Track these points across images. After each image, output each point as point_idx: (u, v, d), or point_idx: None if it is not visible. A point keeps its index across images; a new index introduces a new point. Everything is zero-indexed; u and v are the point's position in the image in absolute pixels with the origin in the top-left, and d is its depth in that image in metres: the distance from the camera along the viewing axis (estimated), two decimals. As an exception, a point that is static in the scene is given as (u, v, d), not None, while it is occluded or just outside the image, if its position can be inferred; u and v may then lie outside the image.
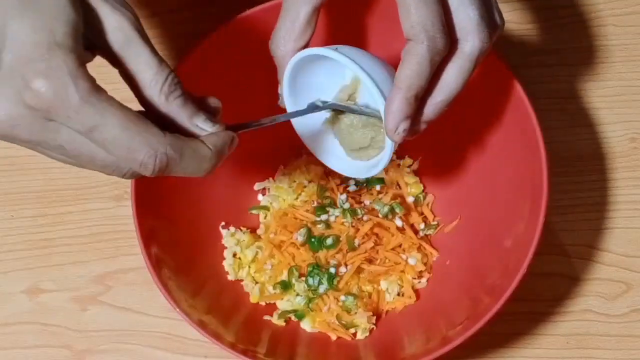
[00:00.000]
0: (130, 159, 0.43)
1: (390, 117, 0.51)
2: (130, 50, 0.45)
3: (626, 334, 0.69)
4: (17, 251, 0.73)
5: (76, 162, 0.45)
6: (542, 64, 0.77)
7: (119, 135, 0.42)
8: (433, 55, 0.49)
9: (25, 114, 0.42)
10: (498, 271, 0.62)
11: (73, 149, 0.43)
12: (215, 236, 0.70)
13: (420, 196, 0.72)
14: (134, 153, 0.43)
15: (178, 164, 0.44)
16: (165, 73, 0.45)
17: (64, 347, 0.70)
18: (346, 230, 0.68)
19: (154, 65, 0.45)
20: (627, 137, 0.75)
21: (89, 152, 0.43)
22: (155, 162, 0.43)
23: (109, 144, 0.43)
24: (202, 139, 0.46)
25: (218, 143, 0.47)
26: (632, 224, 0.72)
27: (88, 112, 0.42)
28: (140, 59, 0.45)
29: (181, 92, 0.46)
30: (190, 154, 0.45)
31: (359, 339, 0.67)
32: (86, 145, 0.43)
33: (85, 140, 0.43)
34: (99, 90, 0.42)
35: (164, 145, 0.43)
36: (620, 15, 0.78)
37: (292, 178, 0.72)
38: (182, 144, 0.44)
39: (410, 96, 0.50)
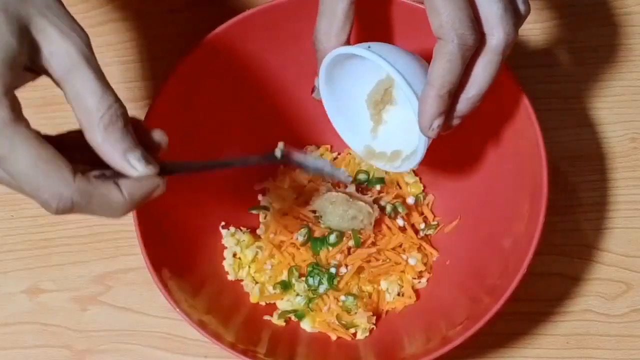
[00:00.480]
0: (35, 196, 0.43)
1: (424, 114, 0.52)
2: (75, 75, 0.43)
3: (626, 334, 0.69)
4: (17, 251, 0.73)
5: (5, 185, 0.44)
6: (542, 64, 0.76)
7: (26, 171, 0.42)
8: (463, 52, 0.50)
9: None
10: (498, 271, 0.62)
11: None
12: (215, 236, 0.70)
13: (420, 196, 0.72)
14: (38, 192, 0.43)
15: (84, 208, 0.44)
16: (108, 102, 0.44)
17: (64, 347, 0.70)
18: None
19: (98, 93, 0.43)
20: (627, 137, 0.75)
21: (6, 180, 0.43)
22: (58, 205, 0.43)
23: (16, 177, 0.42)
24: (119, 184, 0.45)
25: (136, 192, 0.45)
26: (632, 224, 0.72)
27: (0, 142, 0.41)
28: (85, 85, 0.43)
29: (122, 123, 0.44)
30: (99, 200, 0.44)
31: (359, 339, 0.67)
32: (2, 173, 0.43)
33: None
34: (18, 121, 0.41)
35: (70, 190, 0.43)
36: (620, 15, 0.78)
37: (292, 178, 0.72)
38: (92, 191, 0.43)
39: (444, 93, 0.51)
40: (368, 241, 0.68)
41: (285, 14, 0.64)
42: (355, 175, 0.72)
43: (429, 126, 0.52)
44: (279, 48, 0.67)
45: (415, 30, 0.60)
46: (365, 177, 0.72)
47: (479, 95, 0.53)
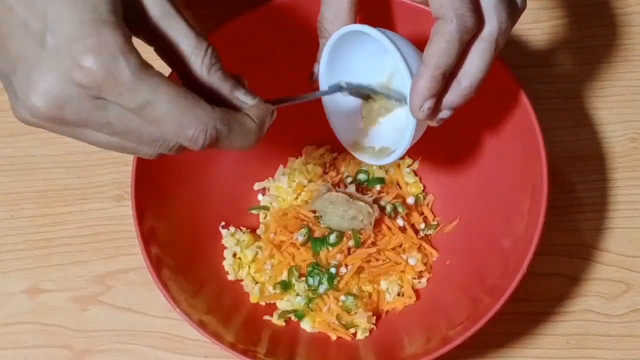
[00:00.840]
0: (181, 134, 0.43)
1: (416, 94, 0.51)
2: (167, 23, 0.44)
3: (626, 334, 0.69)
4: (17, 251, 0.73)
5: (121, 139, 0.44)
6: (542, 64, 0.77)
7: (171, 110, 0.42)
8: (462, 34, 0.49)
9: (75, 93, 0.41)
10: (498, 271, 0.62)
11: (121, 125, 0.42)
12: (215, 236, 0.70)
13: (420, 196, 0.72)
14: (185, 128, 0.42)
15: (227, 137, 0.44)
16: (204, 45, 0.45)
17: (64, 347, 0.70)
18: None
19: (193, 38, 0.44)
20: (627, 137, 0.75)
21: (137, 128, 0.43)
22: (206, 137, 0.43)
23: (160, 120, 0.42)
24: (246, 112, 0.46)
25: (261, 116, 0.46)
26: (632, 224, 0.72)
27: (140, 88, 0.41)
28: (178, 32, 0.44)
29: (221, 65, 0.45)
30: (237, 127, 0.45)
31: (359, 339, 0.67)
32: (134, 121, 0.42)
33: (134, 117, 0.42)
34: (148, 65, 0.42)
35: (214, 119, 0.43)
36: (620, 15, 0.78)
37: (292, 178, 0.72)
38: (230, 118, 0.44)
39: (438, 74, 0.50)
40: (368, 241, 0.68)
41: (286, 14, 0.64)
42: (355, 175, 0.72)
43: (420, 106, 0.51)
44: (278, 48, 0.67)
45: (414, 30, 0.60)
46: (365, 177, 0.72)
47: (472, 86, 0.52)
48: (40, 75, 0.40)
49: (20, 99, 0.41)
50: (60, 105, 0.41)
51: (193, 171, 0.68)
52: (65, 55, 0.40)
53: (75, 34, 0.40)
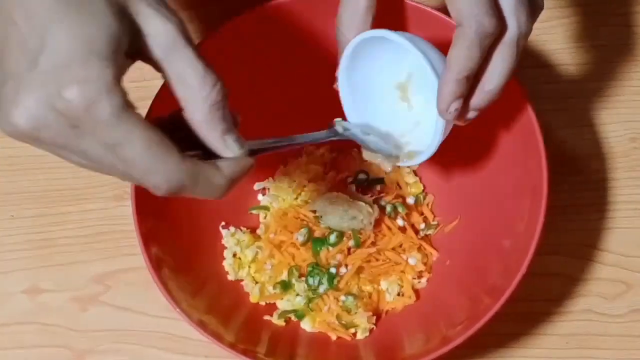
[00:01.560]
0: (146, 179, 0.43)
1: (442, 96, 0.52)
2: (176, 55, 0.44)
3: (626, 334, 0.69)
4: (17, 251, 0.73)
5: (96, 167, 0.44)
6: (542, 64, 0.77)
7: (140, 156, 0.42)
8: (482, 40, 0.49)
9: (54, 118, 0.41)
10: (498, 271, 0.62)
11: (94, 156, 0.43)
12: (215, 236, 0.70)
13: (420, 196, 0.72)
14: (149, 175, 0.43)
15: (191, 190, 0.44)
16: (211, 81, 0.45)
17: (64, 347, 0.70)
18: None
19: (200, 70, 0.44)
20: (627, 137, 0.75)
21: (109, 162, 0.43)
22: (168, 188, 0.43)
23: (128, 161, 0.42)
24: (219, 165, 0.46)
25: (235, 172, 0.46)
26: (632, 224, 0.72)
27: (114, 129, 0.41)
28: (186, 63, 0.44)
29: (225, 104, 0.45)
30: (204, 181, 0.45)
31: (359, 339, 0.67)
32: (108, 156, 0.43)
33: (106, 152, 0.42)
34: (129, 107, 0.42)
35: (180, 173, 0.43)
36: (620, 15, 0.78)
37: (292, 178, 0.72)
38: (198, 172, 0.44)
39: (462, 77, 0.51)
40: (368, 241, 0.68)
41: (285, 14, 0.64)
42: (355, 175, 0.72)
43: (447, 108, 0.52)
44: (278, 48, 0.67)
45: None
46: (365, 177, 0.72)
47: (497, 89, 0.53)
48: (25, 94, 0.41)
49: (3, 112, 0.42)
50: (37, 126, 0.41)
51: (193, 171, 0.68)
52: (51, 81, 0.40)
53: (66, 62, 0.40)
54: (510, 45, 0.51)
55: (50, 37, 0.40)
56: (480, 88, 0.53)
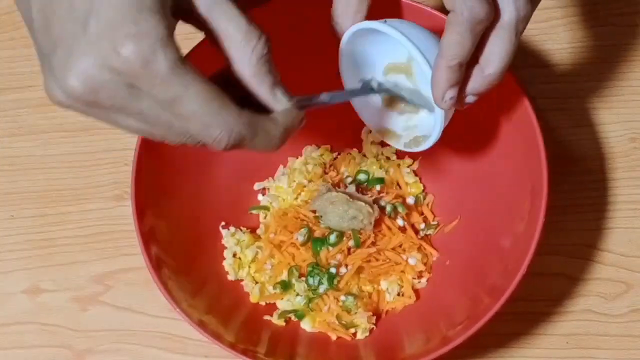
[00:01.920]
0: (206, 134, 0.43)
1: (436, 84, 0.51)
2: (218, 9, 0.44)
3: (626, 334, 0.69)
4: (17, 251, 0.73)
5: (152, 129, 0.44)
6: (542, 64, 0.77)
7: (199, 110, 0.42)
8: (474, 25, 0.49)
9: (111, 78, 0.41)
10: (498, 271, 0.62)
11: (152, 116, 0.43)
12: (215, 236, 0.70)
13: (420, 196, 0.72)
14: (211, 129, 0.43)
15: (250, 141, 0.44)
16: (257, 33, 0.44)
17: (64, 347, 0.70)
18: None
19: (244, 25, 0.44)
20: (627, 137, 0.75)
21: (166, 121, 0.43)
22: (229, 140, 0.43)
23: (188, 117, 0.42)
24: (275, 116, 0.46)
25: (288, 123, 0.46)
26: (632, 224, 0.72)
27: (173, 83, 0.41)
28: (229, 18, 0.44)
29: (271, 56, 0.45)
30: (262, 133, 0.45)
31: (359, 339, 0.67)
32: (164, 113, 0.42)
33: (164, 110, 0.42)
34: (185, 61, 0.42)
35: (240, 124, 0.43)
36: (620, 15, 0.78)
37: (292, 178, 0.72)
38: (257, 124, 0.44)
39: (454, 64, 0.50)
40: (368, 241, 0.68)
41: (286, 13, 0.64)
42: (355, 175, 0.72)
43: (442, 97, 0.52)
44: (278, 48, 0.66)
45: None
46: (365, 177, 0.72)
47: (496, 74, 0.52)
48: (79, 57, 0.40)
49: (58, 79, 0.41)
50: (95, 88, 0.41)
51: (193, 171, 0.68)
52: (105, 40, 0.40)
53: (118, 19, 0.40)
54: (509, 29, 0.50)
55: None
56: (480, 72, 0.52)
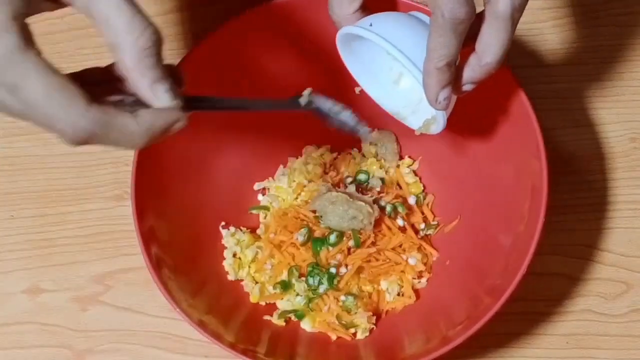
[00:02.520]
0: (49, 126, 0.42)
1: (427, 88, 0.51)
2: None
3: (626, 334, 0.69)
4: (17, 251, 0.73)
5: (11, 115, 0.42)
6: (542, 64, 0.77)
7: (40, 99, 0.40)
8: (455, 26, 0.48)
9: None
10: (498, 271, 0.62)
11: (8, 105, 0.41)
12: (215, 236, 0.70)
13: (420, 196, 0.72)
14: (52, 121, 0.41)
15: (100, 138, 0.42)
16: (141, 25, 0.42)
17: (64, 347, 0.70)
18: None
19: (127, 15, 0.42)
20: (627, 137, 0.75)
21: (15, 107, 0.41)
22: (74, 135, 0.42)
23: (30, 106, 0.41)
24: (137, 114, 0.44)
25: (154, 123, 0.44)
26: (632, 224, 0.72)
27: (9, 70, 0.40)
28: (112, 6, 0.42)
29: (156, 50, 0.43)
30: (115, 130, 0.43)
31: (359, 339, 0.67)
32: (12, 99, 0.41)
33: (10, 95, 0.41)
34: (27, 48, 0.40)
35: (86, 119, 0.41)
36: (620, 15, 0.78)
37: (292, 178, 0.72)
38: (107, 120, 0.42)
39: (442, 66, 0.50)
40: (368, 241, 0.68)
41: (286, 13, 0.64)
42: (355, 175, 0.72)
43: (435, 99, 0.51)
44: (279, 48, 0.67)
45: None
46: (365, 177, 0.72)
47: (493, 63, 0.51)
48: None
49: None
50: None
51: (193, 171, 0.68)
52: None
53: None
54: (505, 20, 0.50)
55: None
56: (477, 61, 0.51)
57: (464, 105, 0.58)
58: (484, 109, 0.65)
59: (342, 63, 0.67)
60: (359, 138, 0.73)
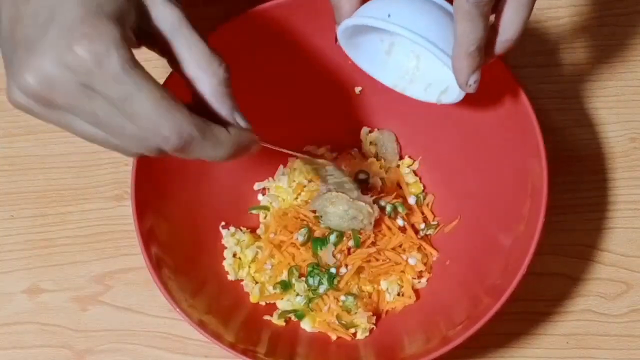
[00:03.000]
0: (156, 133, 0.44)
1: (459, 73, 0.52)
2: (182, 35, 0.46)
3: (626, 334, 0.69)
4: (17, 251, 0.73)
5: (105, 132, 0.45)
6: (542, 64, 0.77)
7: (149, 109, 0.43)
8: (481, 9, 0.49)
9: (65, 75, 0.42)
10: (498, 271, 0.62)
11: (105, 116, 0.44)
12: (215, 236, 0.70)
13: (420, 196, 0.72)
14: (160, 128, 0.44)
15: (198, 145, 0.46)
16: (219, 58, 0.47)
17: (64, 347, 0.70)
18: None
19: (206, 50, 0.47)
20: (627, 137, 0.75)
21: (119, 122, 0.44)
22: (179, 140, 0.44)
23: (138, 116, 0.43)
24: (229, 128, 0.48)
25: (241, 138, 0.48)
26: (632, 224, 0.72)
27: (124, 82, 0.42)
28: (191, 43, 0.47)
29: (230, 82, 0.48)
30: (211, 138, 0.46)
31: (359, 339, 0.67)
32: (117, 114, 0.44)
33: (116, 110, 0.44)
34: (138, 63, 0.43)
35: (189, 125, 0.44)
36: (620, 15, 0.78)
37: (292, 178, 0.72)
38: (205, 127, 0.46)
39: (472, 50, 0.50)
40: (368, 241, 0.68)
41: (286, 13, 0.64)
42: (356, 176, 0.72)
43: (466, 83, 0.52)
44: (278, 48, 0.67)
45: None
46: (366, 177, 0.72)
47: (513, 39, 0.52)
48: (37, 56, 0.42)
49: (15, 78, 0.43)
50: (50, 84, 0.42)
51: (193, 171, 0.68)
52: (62, 40, 0.42)
53: (76, 23, 0.42)
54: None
55: (60, 6, 0.42)
56: (498, 38, 0.52)
57: (464, 105, 0.58)
58: (484, 109, 0.65)
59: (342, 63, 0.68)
60: (359, 138, 0.73)
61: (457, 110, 0.62)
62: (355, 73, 0.69)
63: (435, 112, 0.69)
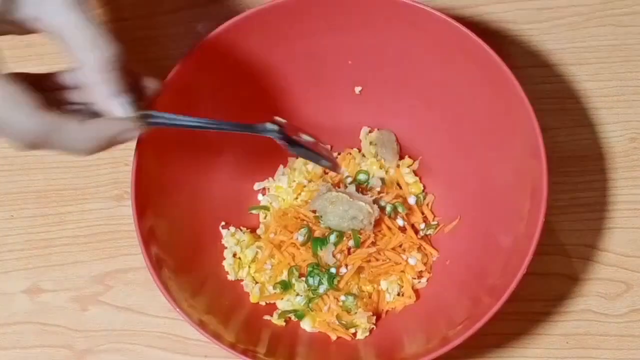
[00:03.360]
0: (3, 134, 0.44)
1: None
2: (67, 16, 0.45)
3: (626, 334, 0.69)
4: (17, 251, 0.73)
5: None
6: (542, 64, 0.77)
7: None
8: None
9: None
10: (498, 271, 0.62)
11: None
12: (215, 236, 0.70)
13: (420, 196, 0.72)
14: (4, 125, 0.43)
15: (49, 143, 0.45)
16: (106, 42, 0.45)
17: (64, 347, 0.70)
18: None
19: (91, 31, 0.45)
20: (627, 137, 0.75)
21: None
22: (23, 138, 0.44)
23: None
24: (89, 122, 0.46)
25: (105, 131, 0.47)
26: (632, 224, 0.72)
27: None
28: (78, 24, 0.45)
29: (118, 65, 0.46)
30: (62, 135, 0.45)
31: (359, 339, 0.67)
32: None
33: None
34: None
35: (35, 124, 0.44)
36: (620, 15, 0.78)
37: (292, 178, 0.72)
38: (59, 125, 0.44)
39: None
40: (368, 241, 0.68)
41: (285, 13, 0.64)
42: (355, 176, 0.72)
43: None
44: (278, 48, 0.67)
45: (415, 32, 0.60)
46: (365, 177, 0.72)
47: None
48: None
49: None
50: None
51: (193, 171, 0.68)
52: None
53: None
54: None
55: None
56: None
57: (464, 105, 0.58)
58: (484, 109, 0.65)
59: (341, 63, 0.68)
60: (359, 138, 0.73)
61: (457, 110, 0.62)
62: (355, 73, 0.69)
63: (435, 113, 0.69)
